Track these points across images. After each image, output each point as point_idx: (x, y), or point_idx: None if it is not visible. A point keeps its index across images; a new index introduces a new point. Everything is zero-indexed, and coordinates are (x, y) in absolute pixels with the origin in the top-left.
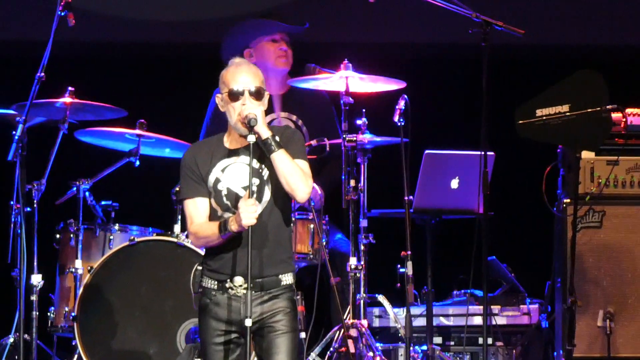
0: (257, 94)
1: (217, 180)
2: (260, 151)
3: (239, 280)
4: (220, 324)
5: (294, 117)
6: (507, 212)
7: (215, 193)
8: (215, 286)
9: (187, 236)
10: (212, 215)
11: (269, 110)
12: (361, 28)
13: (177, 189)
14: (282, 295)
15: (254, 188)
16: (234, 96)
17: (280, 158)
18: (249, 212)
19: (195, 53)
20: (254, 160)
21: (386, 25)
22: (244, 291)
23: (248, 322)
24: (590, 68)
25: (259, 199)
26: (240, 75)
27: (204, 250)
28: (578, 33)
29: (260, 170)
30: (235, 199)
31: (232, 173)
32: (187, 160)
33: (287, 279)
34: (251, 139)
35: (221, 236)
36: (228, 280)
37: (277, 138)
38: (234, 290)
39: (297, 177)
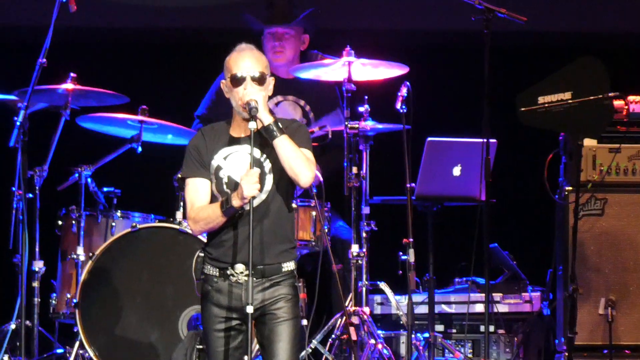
0: (260, 79)
1: (219, 168)
2: (262, 141)
3: (240, 267)
4: (221, 310)
5: (302, 102)
6: (509, 200)
7: (217, 180)
8: (217, 273)
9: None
10: (212, 203)
11: (277, 94)
12: (363, 15)
13: (180, 175)
14: (284, 281)
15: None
16: (236, 81)
17: (282, 143)
18: (250, 183)
19: (197, 38)
20: (257, 151)
21: (388, 12)
22: (245, 278)
23: (249, 309)
24: (592, 55)
25: (261, 189)
26: (243, 60)
27: (206, 237)
28: (580, 20)
29: (262, 161)
30: (235, 187)
31: (234, 161)
32: (196, 143)
33: (289, 266)
34: (252, 125)
35: (223, 214)
36: (229, 267)
37: (280, 124)
38: (235, 277)
39: (301, 161)
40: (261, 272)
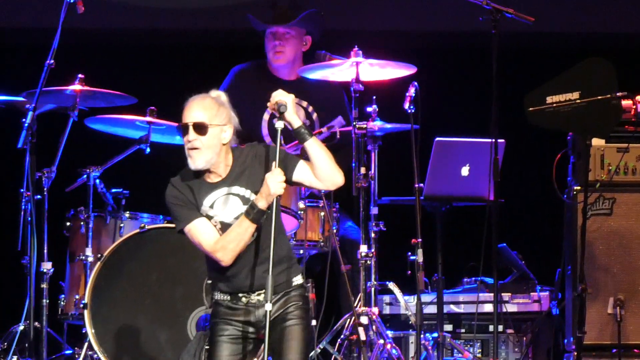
0: (199, 128)
1: (209, 217)
2: (237, 178)
3: (255, 295)
4: (233, 323)
5: (305, 104)
6: (517, 200)
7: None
8: (229, 298)
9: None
10: None
11: None
12: (371, 16)
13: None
14: (294, 291)
15: (244, 208)
16: (181, 129)
17: (314, 145)
18: (277, 182)
19: (205, 40)
20: (238, 188)
21: (396, 13)
22: (259, 297)
23: (268, 307)
24: (600, 55)
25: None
26: (188, 109)
27: (208, 271)
28: (588, 20)
29: (247, 196)
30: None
31: (221, 206)
32: (173, 194)
33: (297, 280)
34: (279, 125)
35: (251, 221)
36: (245, 295)
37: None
38: (248, 299)
39: (332, 163)
40: (273, 290)
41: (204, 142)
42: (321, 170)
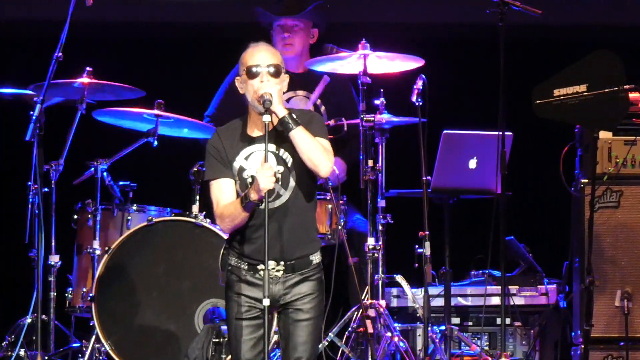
0: (275, 72)
1: (242, 169)
2: (282, 137)
3: (271, 263)
4: (249, 301)
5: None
6: (524, 192)
7: (240, 181)
8: (246, 267)
9: (207, 218)
10: None
11: (287, 90)
12: (379, 8)
13: (195, 169)
14: (313, 276)
15: (279, 175)
16: (252, 74)
17: (299, 135)
18: (266, 176)
19: (213, 33)
20: (274, 147)
21: (404, 5)
22: (277, 273)
23: (265, 302)
24: (608, 48)
25: (285, 185)
26: (259, 53)
27: (230, 235)
28: (595, 13)
29: (284, 158)
30: None
31: (256, 161)
32: (214, 144)
33: (316, 257)
34: (266, 118)
35: (243, 209)
36: (261, 263)
37: (294, 115)
38: (269, 275)
39: (319, 152)
40: (292, 267)
41: (275, 86)
42: (305, 161)
